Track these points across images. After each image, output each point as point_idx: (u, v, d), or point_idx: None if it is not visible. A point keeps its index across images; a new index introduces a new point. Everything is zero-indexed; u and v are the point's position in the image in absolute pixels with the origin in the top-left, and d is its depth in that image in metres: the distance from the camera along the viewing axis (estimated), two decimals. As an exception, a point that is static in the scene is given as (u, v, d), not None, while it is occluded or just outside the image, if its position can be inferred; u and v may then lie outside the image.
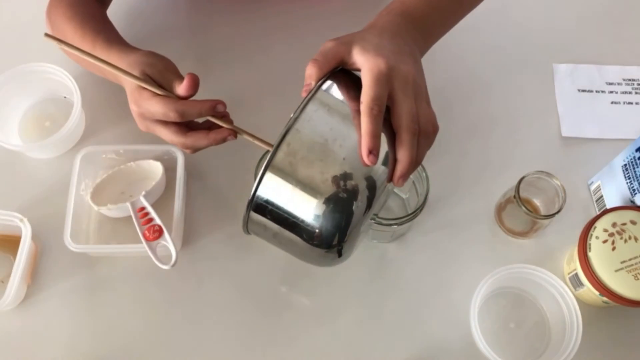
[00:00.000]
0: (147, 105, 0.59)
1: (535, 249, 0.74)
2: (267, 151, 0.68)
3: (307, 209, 0.50)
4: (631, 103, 0.84)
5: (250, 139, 0.59)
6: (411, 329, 0.70)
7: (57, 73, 0.78)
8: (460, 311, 0.69)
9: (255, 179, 0.50)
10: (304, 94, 0.51)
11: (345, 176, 0.49)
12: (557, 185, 0.69)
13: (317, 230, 0.50)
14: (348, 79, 0.54)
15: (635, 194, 0.67)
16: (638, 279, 0.63)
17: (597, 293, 0.65)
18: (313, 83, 0.52)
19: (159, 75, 0.61)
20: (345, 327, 0.70)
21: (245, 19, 0.88)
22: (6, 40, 0.88)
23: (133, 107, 0.61)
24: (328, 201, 0.49)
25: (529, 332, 0.69)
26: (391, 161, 0.51)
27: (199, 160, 0.78)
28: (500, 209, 0.75)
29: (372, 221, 0.57)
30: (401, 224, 0.66)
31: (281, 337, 0.70)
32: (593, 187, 0.76)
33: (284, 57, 0.85)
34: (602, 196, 0.74)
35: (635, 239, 0.65)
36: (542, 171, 0.69)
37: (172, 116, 0.58)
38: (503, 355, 0.63)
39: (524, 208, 0.68)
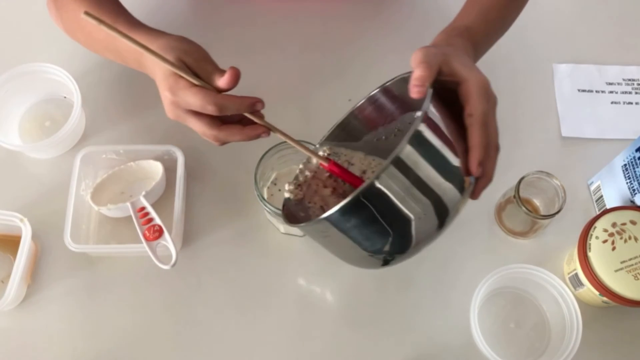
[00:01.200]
0: (183, 94, 0.56)
1: (535, 249, 0.74)
2: (267, 151, 0.69)
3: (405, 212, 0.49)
4: (631, 103, 0.84)
5: (283, 137, 0.57)
6: (411, 329, 0.70)
7: (57, 73, 0.78)
8: (460, 311, 0.69)
9: (254, 180, 0.50)
10: (415, 95, 0.50)
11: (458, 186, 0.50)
12: (557, 185, 0.69)
13: (391, 238, 0.51)
14: (438, 89, 0.53)
15: (635, 194, 0.67)
16: (638, 279, 0.63)
17: (597, 293, 0.65)
18: (427, 85, 0.51)
19: (196, 64, 0.57)
20: (346, 327, 0.70)
21: (250, 18, 0.88)
22: (6, 40, 0.88)
23: (166, 94, 0.57)
24: (418, 217, 0.49)
25: (529, 332, 0.70)
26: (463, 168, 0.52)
27: (199, 160, 0.78)
28: (500, 209, 0.75)
29: None
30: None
31: (281, 337, 0.69)
32: (593, 187, 0.76)
33: (292, 57, 0.85)
34: (602, 196, 0.74)
35: (635, 239, 0.65)
36: (542, 171, 0.69)
37: (210, 109, 0.55)
38: (503, 355, 0.63)
39: (524, 208, 0.68)
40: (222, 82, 0.56)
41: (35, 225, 0.71)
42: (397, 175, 0.47)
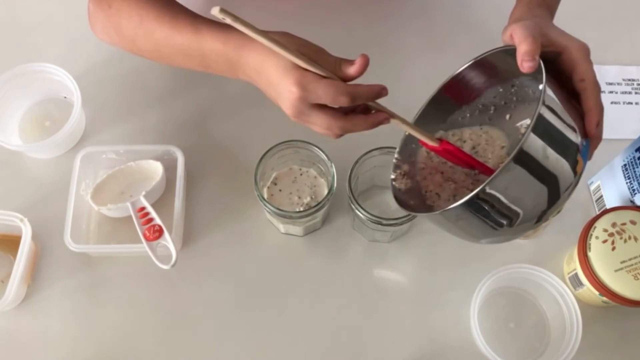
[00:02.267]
0: (314, 87, 0.53)
1: (535, 249, 0.74)
2: (267, 151, 0.69)
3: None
4: (631, 103, 0.84)
5: (403, 124, 0.56)
6: (411, 329, 0.70)
7: (57, 73, 0.78)
8: (460, 311, 0.69)
9: (254, 180, 0.50)
10: (527, 70, 0.51)
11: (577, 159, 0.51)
12: (557, 185, 0.69)
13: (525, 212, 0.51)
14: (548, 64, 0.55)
15: (635, 194, 0.67)
16: (638, 279, 0.63)
17: (597, 293, 0.65)
18: (537, 58, 0.52)
19: (316, 55, 0.54)
20: (346, 327, 0.70)
21: (250, 18, 0.88)
22: (6, 40, 0.88)
23: (293, 90, 0.53)
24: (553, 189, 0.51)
25: (529, 332, 0.70)
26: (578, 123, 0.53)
27: (199, 160, 0.78)
28: (500, 209, 0.75)
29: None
30: (401, 224, 0.66)
31: (281, 337, 0.70)
32: (593, 187, 0.76)
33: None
34: (602, 196, 0.74)
35: (635, 239, 0.65)
36: (542, 171, 0.69)
37: (343, 100, 0.53)
38: (503, 355, 0.63)
39: (524, 208, 0.68)
40: (353, 69, 0.54)
41: (35, 225, 0.71)
42: (536, 144, 0.49)
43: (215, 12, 0.47)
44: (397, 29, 0.88)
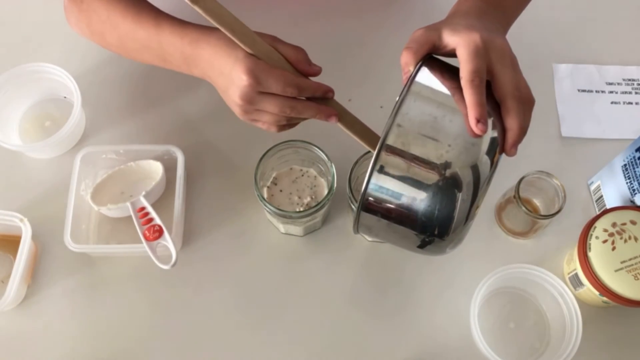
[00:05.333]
0: (266, 76, 0.55)
1: (535, 249, 0.74)
2: (267, 151, 0.69)
3: (419, 192, 0.49)
4: (631, 103, 0.84)
5: (348, 131, 0.58)
6: (411, 329, 0.70)
7: (57, 73, 0.77)
8: (460, 311, 0.69)
9: (254, 180, 0.50)
10: (405, 82, 0.51)
11: (450, 162, 0.49)
12: (557, 185, 0.69)
13: (431, 212, 0.49)
14: (441, 64, 0.54)
15: (635, 194, 0.67)
16: (638, 279, 0.63)
17: (597, 293, 0.65)
18: (411, 68, 0.52)
19: (274, 44, 0.58)
20: (346, 327, 0.70)
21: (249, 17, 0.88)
22: (6, 40, 0.87)
23: (243, 77, 0.55)
24: (437, 186, 0.49)
25: (529, 332, 0.70)
26: (499, 134, 0.51)
27: (199, 160, 0.78)
28: (500, 209, 0.75)
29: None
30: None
31: (281, 337, 0.70)
32: (593, 187, 0.76)
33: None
34: (602, 196, 0.74)
35: (635, 239, 0.65)
36: (542, 171, 0.69)
37: (290, 91, 0.56)
38: (503, 355, 0.63)
39: (524, 208, 0.68)
40: (315, 68, 0.58)
41: (35, 225, 0.71)
42: (392, 159, 0.49)
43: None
44: (400, 32, 0.88)
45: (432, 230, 0.50)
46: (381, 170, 0.49)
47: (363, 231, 0.55)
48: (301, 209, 0.70)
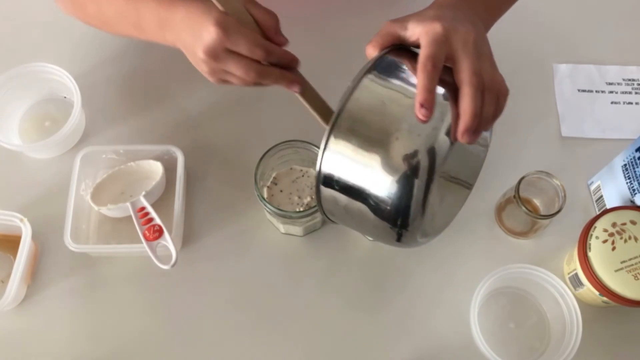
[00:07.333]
0: (235, 32, 0.55)
1: (535, 249, 0.74)
2: (267, 151, 0.69)
3: (373, 174, 0.50)
4: (631, 103, 0.84)
5: (308, 105, 0.58)
6: (411, 329, 0.70)
7: (57, 73, 0.77)
8: (460, 311, 0.69)
9: (254, 180, 0.50)
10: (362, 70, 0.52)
11: (406, 143, 0.49)
12: (557, 185, 0.69)
13: (387, 199, 0.50)
14: (409, 54, 0.54)
15: (635, 194, 0.67)
16: (638, 279, 0.63)
17: (597, 293, 0.65)
18: (373, 60, 0.52)
19: (242, 10, 0.58)
20: (346, 327, 0.70)
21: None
22: (6, 40, 0.87)
23: (211, 29, 0.54)
24: (396, 172, 0.49)
25: (529, 332, 0.70)
26: (454, 120, 0.50)
27: (199, 160, 0.78)
28: (500, 209, 0.75)
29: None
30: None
31: (281, 336, 0.70)
32: (593, 187, 0.76)
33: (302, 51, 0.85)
34: (602, 196, 0.74)
35: (635, 239, 0.65)
36: (542, 171, 0.69)
37: (258, 53, 0.56)
38: (503, 355, 0.63)
39: (524, 208, 0.68)
40: (281, 38, 0.58)
41: (35, 225, 0.71)
42: (342, 143, 0.50)
43: None
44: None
45: (389, 216, 0.51)
46: (332, 150, 0.51)
47: (331, 216, 0.56)
48: (301, 209, 0.70)
